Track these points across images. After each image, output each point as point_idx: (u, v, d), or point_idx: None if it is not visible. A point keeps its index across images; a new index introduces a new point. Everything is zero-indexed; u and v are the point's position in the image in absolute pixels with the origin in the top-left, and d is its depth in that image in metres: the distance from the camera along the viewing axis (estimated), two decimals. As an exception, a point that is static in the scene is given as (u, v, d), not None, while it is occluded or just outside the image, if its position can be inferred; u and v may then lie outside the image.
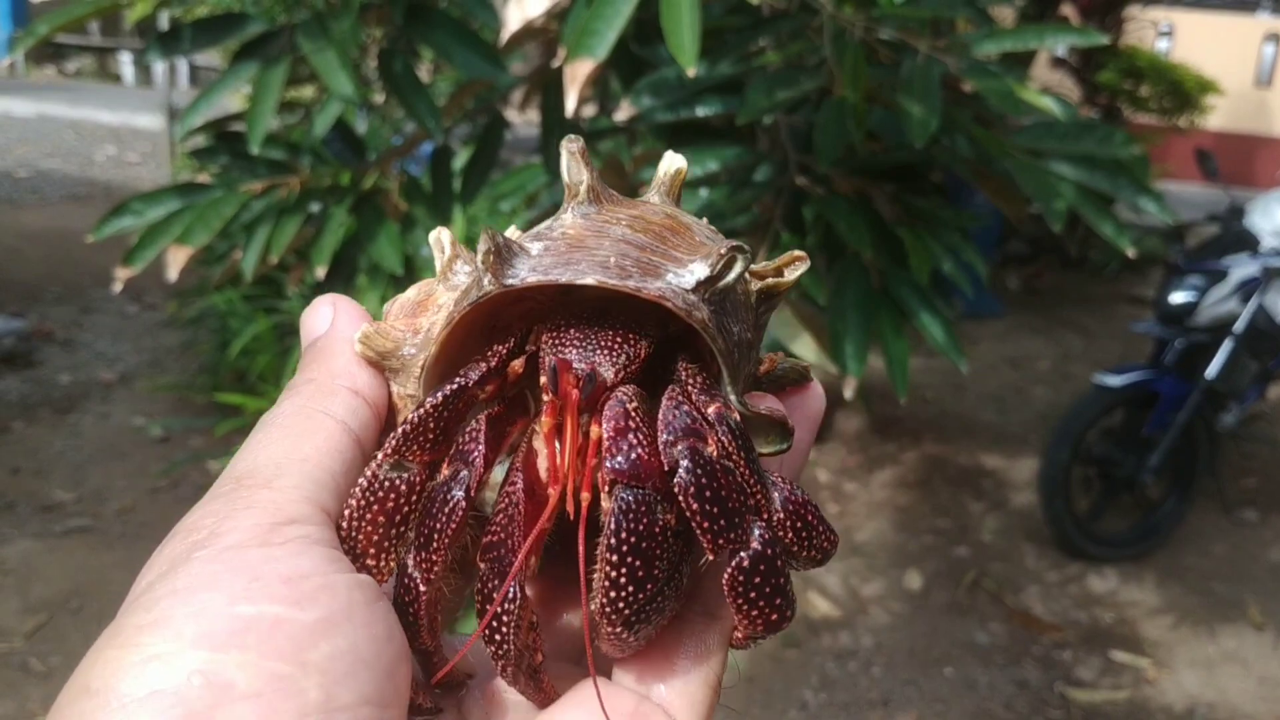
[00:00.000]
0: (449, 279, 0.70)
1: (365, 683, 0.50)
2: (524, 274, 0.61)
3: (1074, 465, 5.11)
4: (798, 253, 0.69)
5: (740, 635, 0.62)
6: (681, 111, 2.21)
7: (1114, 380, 5.02)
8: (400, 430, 0.61)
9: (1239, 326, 5.07)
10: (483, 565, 0.59)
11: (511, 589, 0.57)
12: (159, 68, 14.27)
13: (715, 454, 0.58)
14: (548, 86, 2.87)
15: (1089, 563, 5.15)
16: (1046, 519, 5.13)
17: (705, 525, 0.56)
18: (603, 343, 0.63)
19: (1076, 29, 2.41)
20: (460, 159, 3.10)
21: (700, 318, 0.61)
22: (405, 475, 0.61)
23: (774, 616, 0.58)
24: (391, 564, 0.62)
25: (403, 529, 0.62)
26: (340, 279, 2.61)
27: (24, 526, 4.60)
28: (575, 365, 0.61)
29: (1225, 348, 5.07)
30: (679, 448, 0.58)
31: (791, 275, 0.69)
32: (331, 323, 0.66)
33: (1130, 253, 2.03)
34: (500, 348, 0.65)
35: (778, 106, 2.04)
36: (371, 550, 0.61)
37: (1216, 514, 5.69)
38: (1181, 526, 5.40)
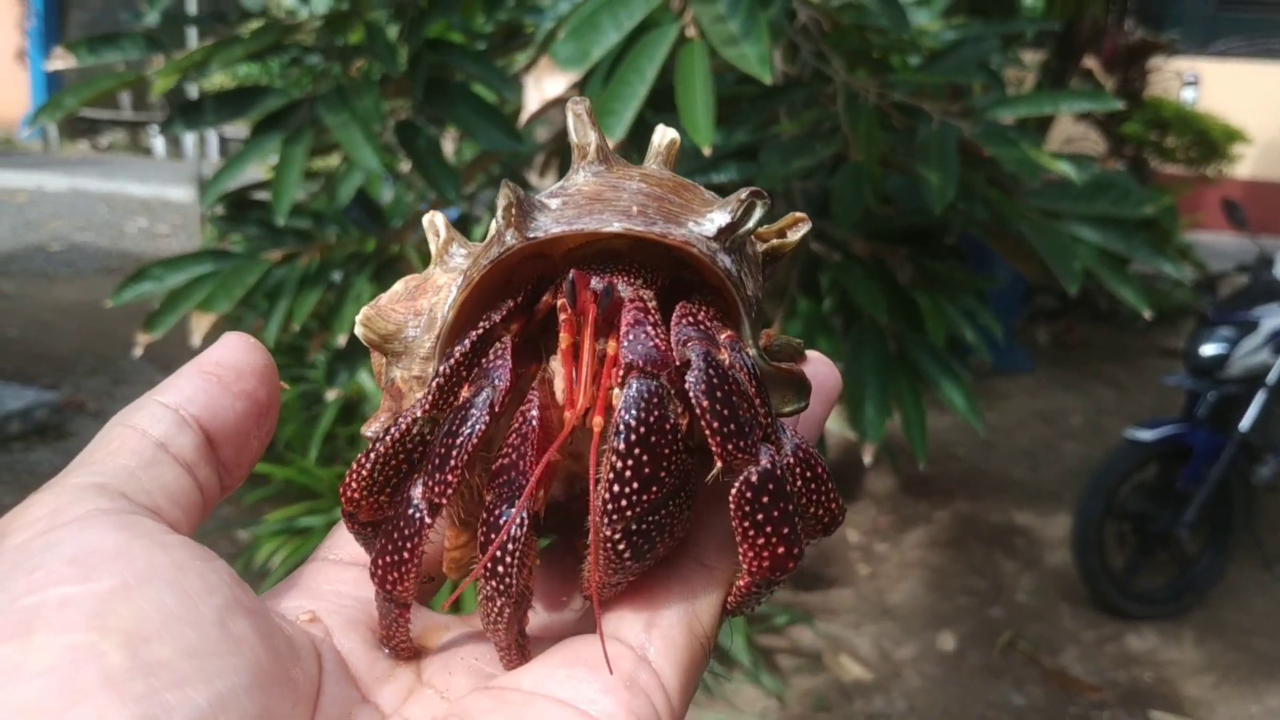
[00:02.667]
0: (445, 261, 0.70)
1: (183, 637, 0.50)
2: (547, 225, 0.61)
3: (1107, 521, 5.04)
4: (799, 214, 0.69)
5: (741, 584, 0.59)
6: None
7: (1146, 434, 4.96)
8: (433, 384, 0.61)
9: (1272, 378, 5.00)
10: (490, 495, 0.58)
11: (521, 515, 0.55)
12: (189, 141, 14.52)
13: (727, 362, 0.57)
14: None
15: (1126, 621, 5.06)
16: (1081, 576, 5.05)
17: (715, 426, 0.54)
18: (619, 271, 0.63)
19: (1091, 95, 2.42)
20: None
21: (724, 265, 0.61)
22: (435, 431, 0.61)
23: (780, 549, 0.56)
24: (384, 499, 0.62)
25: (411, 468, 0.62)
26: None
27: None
28: (593, 283, 0.60)
29: (1258, 400, 5.00)
30: (692, 346, 0.56)
31: (794, 236, 0.69)
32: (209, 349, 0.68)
33: (1147, 314, 2.02)
34: (525, 289, 0.64)
35: (794, 174, 2.05)
36: (388, 489, 0.62)
37: (1255, 568, 5.58)
38: (1220, 582, 5.29)
